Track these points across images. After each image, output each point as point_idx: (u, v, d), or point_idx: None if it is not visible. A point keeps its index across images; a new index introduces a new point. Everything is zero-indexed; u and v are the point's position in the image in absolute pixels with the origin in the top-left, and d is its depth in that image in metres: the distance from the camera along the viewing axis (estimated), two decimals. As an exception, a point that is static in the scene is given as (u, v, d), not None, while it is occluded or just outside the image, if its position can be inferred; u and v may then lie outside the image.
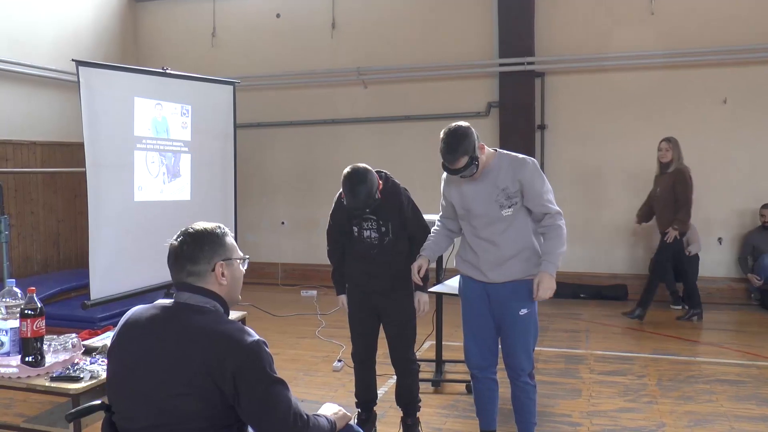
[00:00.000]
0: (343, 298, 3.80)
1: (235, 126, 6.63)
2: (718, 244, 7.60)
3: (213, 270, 2.03)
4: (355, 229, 3.57)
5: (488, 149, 3.20)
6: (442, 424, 4.03)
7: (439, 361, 4.84)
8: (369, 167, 3.43)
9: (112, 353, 2.03)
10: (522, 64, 7.82)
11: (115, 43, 8.94)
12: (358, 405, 3.84)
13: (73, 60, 4.99)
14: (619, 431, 3.88)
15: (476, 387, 3.42)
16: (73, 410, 2.09)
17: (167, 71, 5.70)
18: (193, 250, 2.02)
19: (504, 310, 3.24)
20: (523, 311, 3.21)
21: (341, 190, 3.47)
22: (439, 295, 4.75)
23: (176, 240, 2.05)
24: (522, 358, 3.25)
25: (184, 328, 1.93)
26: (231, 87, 6.54)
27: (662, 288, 7.37)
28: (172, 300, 2.05)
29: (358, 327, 3.77)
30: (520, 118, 7.93)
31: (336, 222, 3.72)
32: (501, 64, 7.99)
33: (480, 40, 8.20)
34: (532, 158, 3.23)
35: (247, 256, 2.18)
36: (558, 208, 3.17)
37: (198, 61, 8.88)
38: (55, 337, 3.03)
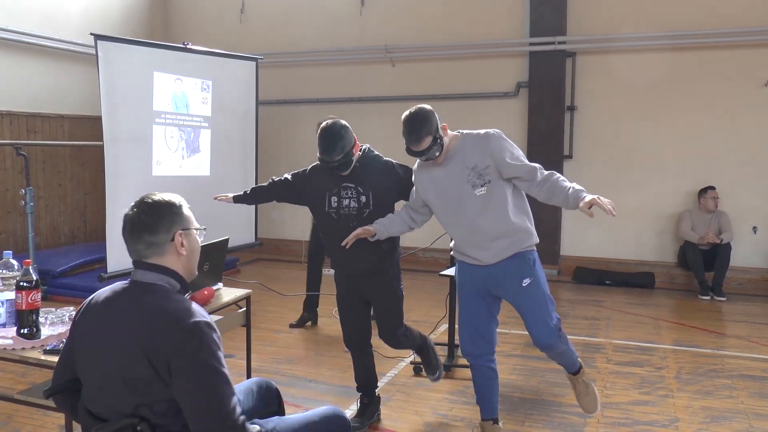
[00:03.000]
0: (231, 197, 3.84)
1: (257, 102, 6.60)
2: (752, 233, 7.34)
3: (172, 240, 1.98)
4: (333, 199, 3.42)
5: (450, 132, 3.16)
6: (448, 410, 3.96)
7: (452, 346, 4.76)
8: (347, 125, 3.35)
9: (71, 334, 2.01)
10: (553, 43, 7.61)
11: (144, 18, 8.96)
12: (358, 389, 3.79)
13: (91, 34, 4.99)
14: (630, 425, 3.76)
15: (473, 375, 3.37)
16: (49, 387, 2.07)
17: (187, 46, 5.67)
18: (152, 219, 1.96)
19: (507, 287, 3.18)
20: (526, 281, 3.15)
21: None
22: (453, 279, 4.66)
23: (132, 210, 1.98)
24: (545, 328, 3.17)
25: (131, 308, 1.88)
26: (254, 63, 6.50)
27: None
28: (129, 279, 1.99)
29: (345, 311, 3.68)
30: (549, 99, 7.73)
31: (297, 181, 3.60)
32: (531, 44, 7.78)
33: (511, 19, 8.00)
34: (495, 129, 3.16)
35: (204, 227, 2.12)
36: (540, 166, 3.12)
37: (226, 37, 8.85)
38: (52, 310, 3.03)
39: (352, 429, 2.38)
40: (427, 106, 3.10)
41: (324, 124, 3.34)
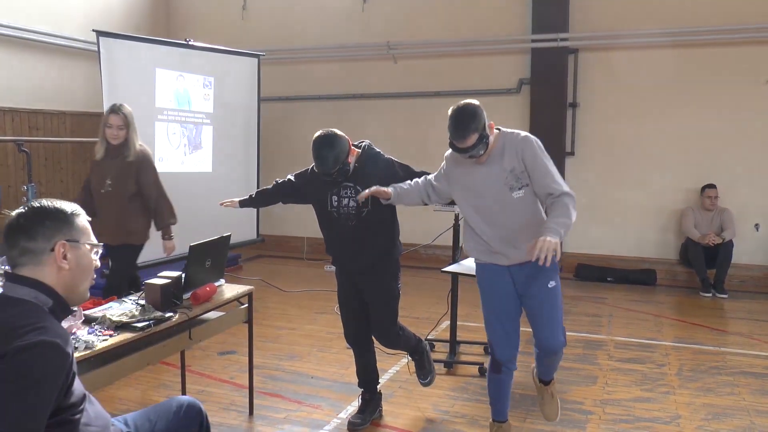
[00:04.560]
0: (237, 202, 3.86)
1: (260, 99, 6.60)
2: (755, 230, 7.33)
3: (52, 250, 1.78)
4: (334, 198, 3.43)
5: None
6: (450, 407, 3.97)
7: (454, 342, 4.77)
8: (341, 133, 3.34)
9: None
10: (555, 40, 7.60)
11: (146, 14, 8.95)
12: (360, 385, 3.79)
13: (93, 30, 4.99)
14: (632, 422, 3.76)
15: (497, 377, 3.29)
16: None
17: (189, 42, 5.67)
18: (32, 223, 1.77)
19: (531, 286, 3.13)
20: (552, 283, 3.12)
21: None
22: (455, 275, 4.67)
23: (15, 212, 1.80)
24: (558, 333, 3.15)
25: None
26: (256, 60, 6.50)
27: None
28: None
29: (346, 308, 3.69)
30: (551, 96, 7.73)
31: (300, 181, 3.62)
32: (534, 40, 7.77)
33: (513, 15, 7.98)
34: (534, 136, 3.09)
35: (101, 244, 1.93)
36: (567, 189, 3.00)
37: (228, 33, 8.84)
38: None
39: None
40: (475, 101, 2.98)
41: (316, 135, 3.33)
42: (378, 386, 3.84)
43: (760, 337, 5.40)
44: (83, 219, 1.88)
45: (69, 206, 1.87)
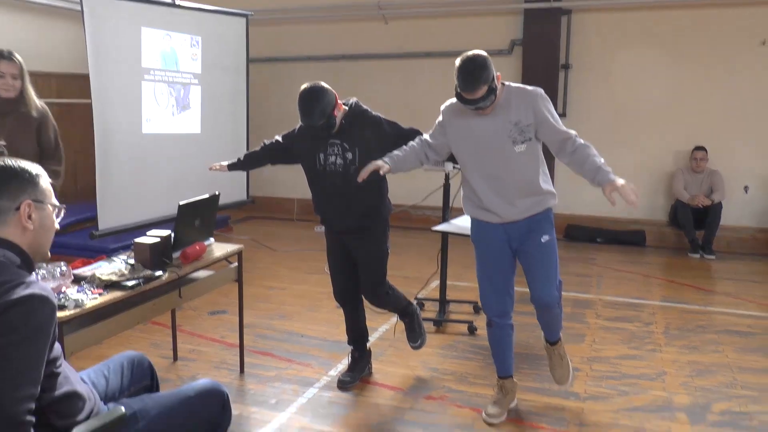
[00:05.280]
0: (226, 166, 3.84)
1: (248, 59, 6.51)
2: (744, 192, 7.36)
3: (18, 209, 1.80)
4: (321, 156, 3.41)
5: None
6: (439, 365, 4.01)
7: (443, 301, 4.80)
8: (327, 86, 3.30)
9: None
10: (548, 0, 7.51)
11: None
12: (349, 343, 3.82)
13: (77, -13, 4.89)
14: (618, 378, 3.82)
15: (495, 334, 3.33)
16: None
17: (175, 2, 5.57)
18: None
19: (526, 242, 3.15)
20: (545, 237, 3.13)
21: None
22: (445, 235, 4.68)
23: None
24: (552, 288, 3.17)
25: None
26: (243, 19, 6.39)
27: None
28: None
29: (335, 267, 3.69)
30: (544, 57, 7.68)
31: (287, 142, 3.60)
32: (526, 1, 7.69)
33: (505, -26, 7.88)
34: (540, 88, 3.06)
35: (64, 206, 1.95)
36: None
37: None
38: (43, 265, 3.02)
39: (230, 404, 2.26)
40: (483, 52, 2.91)
41: (302, 88, 3.29)
42: (367, 344, 3.88)
43: (746, 297, 5.46)
44: (46, 180, 1.89)
45: (33, 167, 1.87)
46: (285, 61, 8.86)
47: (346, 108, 3.40)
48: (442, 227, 4.56)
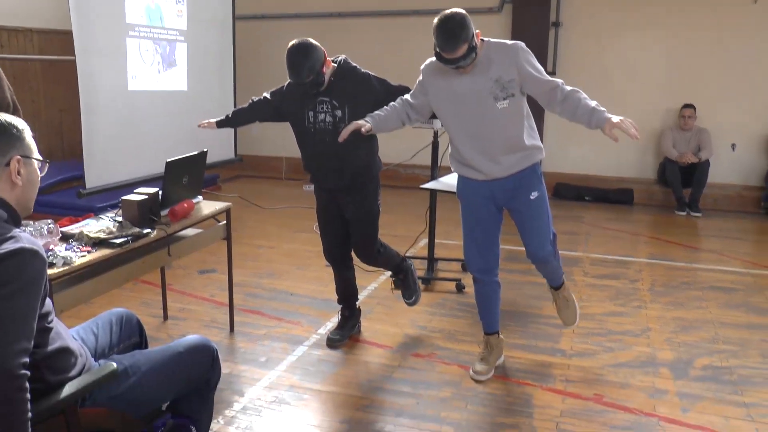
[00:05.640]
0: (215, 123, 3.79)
1: (234, 16, 6.41)
2: (731, 150, 7.39)
3: (8, 165, 1.79)
4: (311, 114, 3.38)
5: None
6: (428, 322, 4.05)
7: (431, 259, 4.83)
8: (316, 42, 3.26)
9: None
10: (539, -46, 7.40)
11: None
12: (339, 302, 3.85)
13: (57, -61, 4.76)
14: (604, 334, 3.88)
15: (480, 291, 3.36)
16: None
17: (159, -46, 5.44)
18: None
19: (514, 200, 3.15)
20: (534, 194, 3.13)
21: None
22: (433, 192, 4.69)
23: None
24: (545, 243, 3.20)
25: None
26: (229, -27, 6.27)
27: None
28: None
29: (324, 225, 3.69)
30: (534, 15, 7.61)
31: (276, 99, 3.55)
32: (517, -45, 7.57)
33: (496, -72, 7.74)
34: (520, 42, 3.02)
35: (48, 160, 1.94)
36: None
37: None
38: (30, 223, 3.00)
39: (219, 360, 2.28)
40: (462, 10, 2.87)
41: (290, 44, 3.24)
42: (357, 303, 3.90)
43: (730, 254, 5.53)
44: (30, 134, 1.88)
45: (19, 121, 1.85)
46: (272, 19, 8.72)
47: (335, 65, 3.36)
48: (430, 185, 4.56)
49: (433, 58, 3.01)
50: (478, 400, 3.13)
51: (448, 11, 2.87)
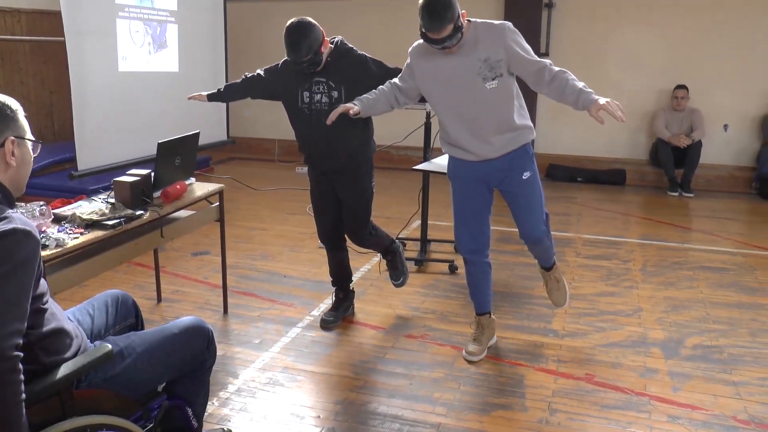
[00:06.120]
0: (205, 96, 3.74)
1: (225, -3, 6.37)
2: (723, 131, 7.41)
3: (2, 146, 1.77)
4: (306, 94, 3.36)
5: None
6: (420, 303, 4.07)
7: (424, 240, 4.84)
8: (315, 22, 3.24)
9: None
10: (532, -67, 7.35)
11: None
12: (333, 284, 3.86)
13: None
14: (596, 314, 3.91)
15: (470, 271, 3.37)
16: None
17: (149, -67, 5.39)
18: None
19: (506, 180, 3.15)
20: (526, 174, 3.13)
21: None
22: (426, 174, 4.69)
23: None
24: (539, 223, 3.21)
25: None
26: (220, -47, 6.21)
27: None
28: None
29: (318, 207, 3.68)
30: (526, -5, 7.56)
31: (269, 77, 3.52)
32: (510, -66, 7.51)
33: None
34: (508, 22, 3.01)
35: (41, 141, 1.92)
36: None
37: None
38: (22, 204, 2.99)
39: (214, 341, 2.27)
40: None
41: (289, 23, 3.22)
42: (350, 284, 3.91)
43: (721, 234, 5.56)
44: (23, 114, 1.86)
45: (12, 101, 1.83)
46: (263, 0, 8.64)
47: (332, 46, 3.35)
48: (422, 166, 4.56)
49: (421, 41, 3.00)
50: (470, 380, 3.16)
51: None
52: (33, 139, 1.88)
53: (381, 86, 3.28)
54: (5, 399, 1.55)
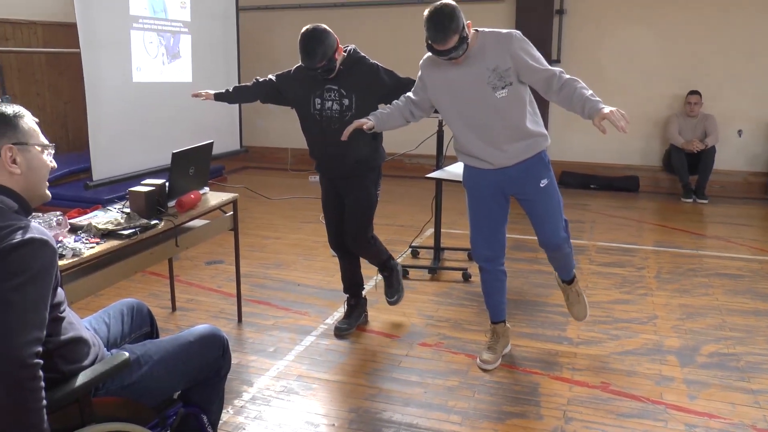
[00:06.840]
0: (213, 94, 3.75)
1: (238, 7, 6.41)
2: (737, 136, 7.37)
3: None
4: (317, 101, 3.39)
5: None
6: (434, 312, 4.07)
7: (438, 249, 4.84)
8: (329, 29, 3.26)
9: None
10: (543, -59, 7.36)
11: None
12: (345, 291, 3.86)
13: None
14: (610, 323, 3.89)
15: (485, 279, 3.36)
16: None
17: (163, -55, 5.44)
18: None
19: (525, 187, 3.15)
20: (544, 182, 3.13)
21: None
22: (439, 182, 4.69)
23: None
24: (558, 230, 3.21)
25: None
26: (232, -36, 6.27)
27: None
28: None
29: (329, 214, 3.69)
30: (538, 2, 7.56)
31: (281, 82, 3.54)
32: (520, -58, 7.52)
33: None
34: (516, 31, 3.02)
35: (53, 144, 1.91)
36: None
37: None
38: (39, 214, 3.02)
39: (229, 350, 2.28)
40: (452, 2, 2.87)
41: (304, 29, 3.25)
42: (363, 292, 3.91)
43: (737, 240, 5.52)
44: (29, 120, 1.86)
45: (11, 108, 1.83)
46: (274, 10, 8.71)
47: (345, 54, 3.37)
48: (435, 174, 4.56)
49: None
50: (485, 388, 3.15)
51: (438, 3, 2.89)
52: (41, 143, 1.87)
53: (395, 101, 3.30)
54: (28, 405, 1.57)
